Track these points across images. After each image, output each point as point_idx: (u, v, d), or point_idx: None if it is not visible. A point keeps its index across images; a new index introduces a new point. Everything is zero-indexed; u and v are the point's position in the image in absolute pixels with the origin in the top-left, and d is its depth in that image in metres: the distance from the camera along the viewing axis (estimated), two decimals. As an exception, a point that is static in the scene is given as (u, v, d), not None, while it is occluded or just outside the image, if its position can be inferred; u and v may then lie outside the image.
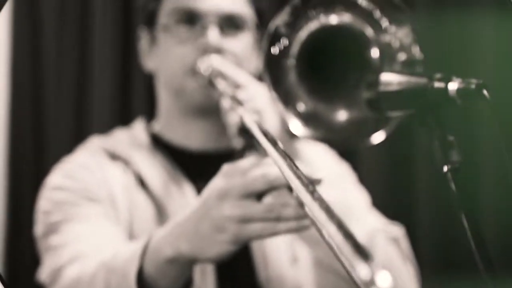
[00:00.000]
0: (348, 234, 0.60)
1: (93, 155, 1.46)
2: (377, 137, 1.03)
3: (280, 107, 1.03)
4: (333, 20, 1.03)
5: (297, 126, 1.04)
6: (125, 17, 2.36)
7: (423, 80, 0.87)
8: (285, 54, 1.03)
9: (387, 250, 1.35)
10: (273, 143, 0.89)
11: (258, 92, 1.29)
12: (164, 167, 1.46)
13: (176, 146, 1.51)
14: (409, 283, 1.37)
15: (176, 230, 1.05)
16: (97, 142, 1.51)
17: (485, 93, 0.80)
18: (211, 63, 1.39)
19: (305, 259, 1.39)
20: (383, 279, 0.53)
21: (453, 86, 0.82)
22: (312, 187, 0.74)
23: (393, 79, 0.93)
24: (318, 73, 1.06)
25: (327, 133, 1.05)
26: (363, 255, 0.56)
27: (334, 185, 1.31)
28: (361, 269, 0.55)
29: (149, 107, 2.10)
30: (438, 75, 0.85)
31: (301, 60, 1.03)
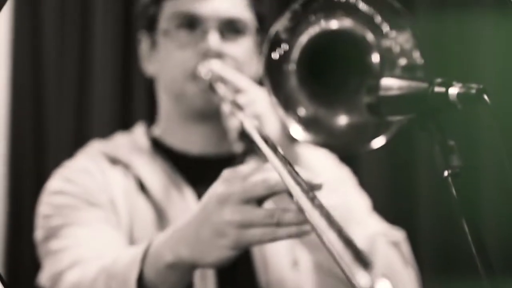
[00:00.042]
0: (348, 241, 0.60)
1: (93, 159, 1.46)
2: (378, 142, 1.03)
3: (280, 112, 1.03)
4: (334, 25, 1.03)
5: (297, 130, 1.04)
6: (125, 20, 2.36)
7: (423, 85, 0.86)
8: (285, 59, 1.02)
9: (388, 254, 1.34)
10: (273, 149, 0.89)
11: (258, 96, 1.29)
12: (164, 171, 1.45)
13: (176, 150, 1.51)
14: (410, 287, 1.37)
15: (176, 235, 1.05)
16: (97, 146, 1.51)
17: (485, 98, 0.79)
18: (211, 68, 1.39)
19: (305, 263, 1.38)
20: (383, 288, 0.54)
21: (454, 90, 0.82)
22: (312, 193, 0.74)
23: (394, 84, 0.93)
24: (318, 78, 1.06)
25: (328, 138, 1.05)
26: (363, 263, 0.56)
27: (335, 189, 1.31)
28: (361, 277, 0.55)
29: (149, 112, 2.10)
30: (438, 80, 0.85)
31: (302, 65, 1.03)
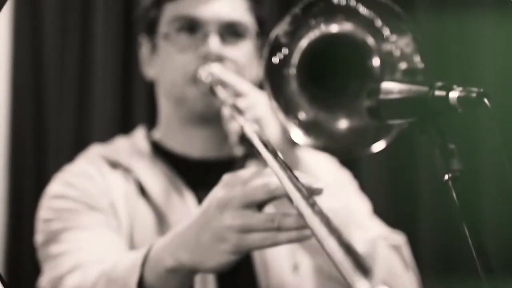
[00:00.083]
0: (348, 248, 0.60)
1: (93, 163, 1.46)
2: (378, 146, 1.03)
3: (280, 116, 1.02)
4: (334, 29, 1.03)
5: (298, 134, 1.03)
6: (126, 20, 2.36)
7: (424, 88, 0.86)
8: (285, 63, 1.02)
9: (388, 258, 1.34)
10: (274, 154, 0.89)
11: (258, 100, 1.29)
12: (164, 175, 1.45)
13: (176, 154, 1.51)
14: (411, 291, 1.37)
15: (176, 240, 1.04)
16: (97, 150, 1.51)
17: (485, 101, 0.79)
18: (211, 71, 1.39)
19: (305, 267, 1.38)
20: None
21: (454, 94, 0.82)
22: (312, 200, 0.74)
23: (394, 88, 0.93)
24: (319, 82, 1.06)
25: (328, 142, 1.05)
26: (363, 271, 0.56)
27: (335, 193, 1.31)
28: (361, 286, 0.55)
29: (150, 115, 2.10)
30: (439, 83, 0.85)
31: (302, 69, 1.03)
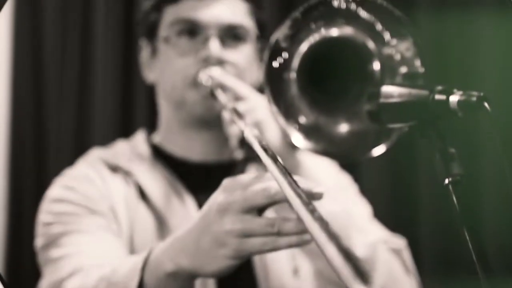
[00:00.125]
0: (348, 255, 0.60)
1: (93, 167, 1.46)
2: (378, 149, 1.03)
3: (281, 120, 1.02)
4: (334, 32, 1.03)
5: (298, 138, 1.03)
6: (126, 20, 2.36)
7: (424, 92, 0.87)
8: (286, 67, 1.02)
9: (389, 261, 1.34)
10: (274, 159, 0.89)
11: (258, 103, 1.29)
12: (165, 178, 1.45)
13: (177, 157, 1.51)
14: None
15: (176, 244, 1.04)
16: (97, 153, 1.51)
17: (486, 105, 0.79)
18: (212, 75, 1.39)
19: (306, 271, 1.38)
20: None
21: (454, 98, 0.82)
22: (312, 206, 0.74)
23: (394, 92, 0.93)
24: (319, 86, 1.06)
25: (329, 146, 1.05)
26: (363, 278, 0.56)
27: (336, 197, 1.31)
28: None
29: (150, 119, 2.10)
30: (439, 87, 0.85)
31: (302, 73, 1.03)
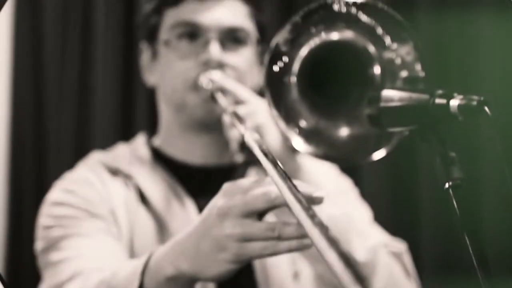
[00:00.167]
0: (348, 261, 0.60)
1: (94, 170, 1.46)
2: (379, 153, 1.02)
3: (281, 124, 1.02)
4: (335, 36, 1.03)
5: (299, 142, 1.03)
6: (127, 21, 2.36)
7: (424, 96, 0.87)
8: (286, 71, 1.02)
9: (389, 265, 1.34)
10: (274, 163, 0.89)
11: (259, 107, 1.29)
12: (165, 182, 1.45)
13: (177, 161, 1.51)
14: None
15: (176, 248, 1.04)
16: (97, 157, 1.51)
17: (486, 109, 0.79)
18: (212, 78, 1.39)
19: (306, 275, 1.38)
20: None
21: (455, 102, 0.82)
22: (312, 211, 0.74)
23: (395, 96, 0.93)
24: (319, 90, 1.06)
25: (329, 149, 1.04)
26: (363, 284, 0.56)
27: (336, 200, 1.31)
28: None
29: (150, 119, 2.10)
30: (439, 91, 0.85)
31: (303, 77, 1.03)
